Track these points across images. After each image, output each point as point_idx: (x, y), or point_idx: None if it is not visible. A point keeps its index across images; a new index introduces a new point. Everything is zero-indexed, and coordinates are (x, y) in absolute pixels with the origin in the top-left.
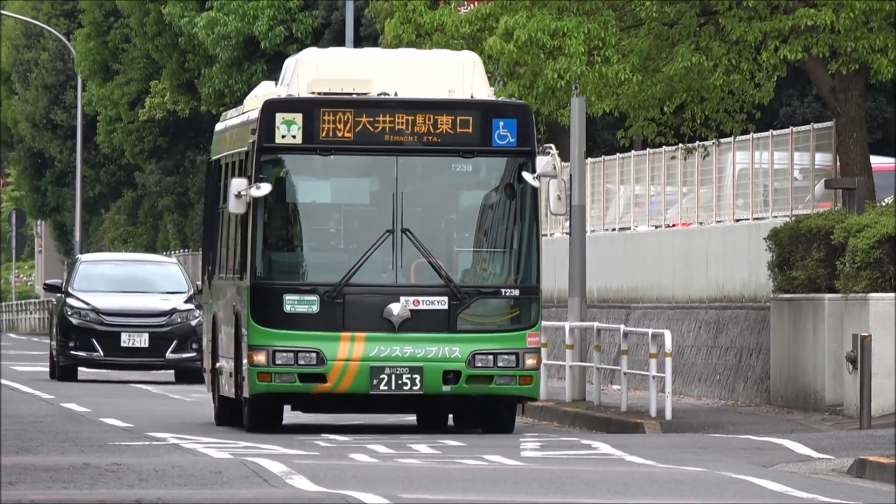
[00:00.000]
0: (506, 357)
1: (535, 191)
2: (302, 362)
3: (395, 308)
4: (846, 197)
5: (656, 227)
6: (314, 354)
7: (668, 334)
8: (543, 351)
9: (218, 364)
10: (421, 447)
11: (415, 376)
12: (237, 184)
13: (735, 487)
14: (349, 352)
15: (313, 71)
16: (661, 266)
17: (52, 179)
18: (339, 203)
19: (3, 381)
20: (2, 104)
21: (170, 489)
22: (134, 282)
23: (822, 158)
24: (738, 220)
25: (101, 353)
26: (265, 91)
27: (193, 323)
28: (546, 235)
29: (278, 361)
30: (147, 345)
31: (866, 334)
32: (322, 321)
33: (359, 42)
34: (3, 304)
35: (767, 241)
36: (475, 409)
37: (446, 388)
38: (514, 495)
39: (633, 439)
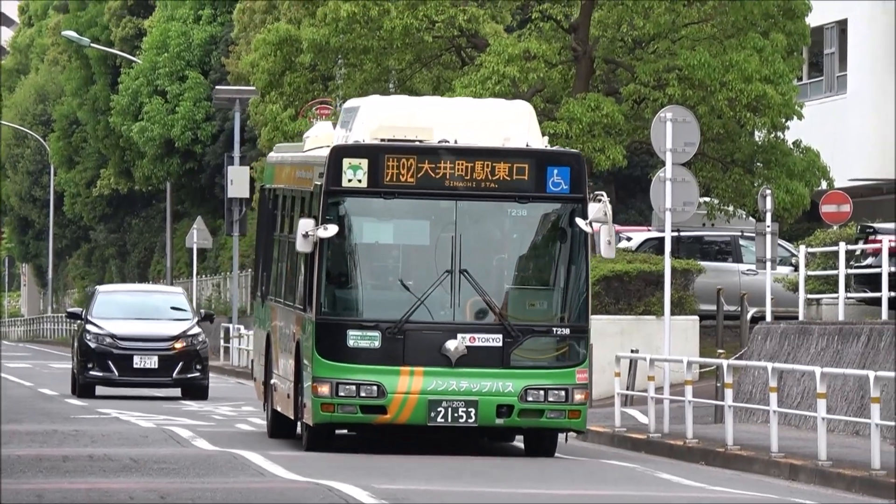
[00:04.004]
0: (556, 392)
1: (585, 235)
2: (364, 394)
3: (453, 344)
4: None
5: None
6: (375, 387)
7: None
8: None
9: (273, 381)
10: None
11: (470, 409)
12: (305, 224)
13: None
14: (409, 385)
15: (376, 118)
16: None
17: (33, 235)
18: (400, 244)
19: None
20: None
21: (112, 448)
22: (145, 309)
23: None
24: None
25: (117, 374)
26: (323, 131)
27: (198, 347)
28: None
29: (341, 393)
30: (157, 366)
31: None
32: (383, 356)
33: (242, 143)
34: None
35: None
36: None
37: (499, 421)
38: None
39: None
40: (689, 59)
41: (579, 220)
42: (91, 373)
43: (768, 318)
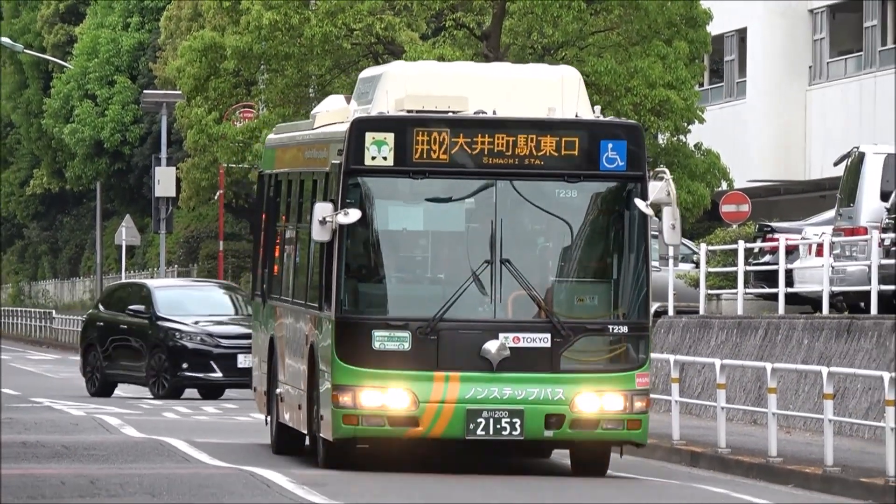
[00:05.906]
0: (613, 399)
1: (645, 218)
2: (392, 404)
3: (494, 346)
4: None
5: None
6: (406, 396)
7: None
8: None
9: (278, 390)
10: (209, 408)
11: (515, 420)
12: (322, 209)
13: None
14: (444, 393)
15: (402, 87)
16: None
17: None
18: (432, 231)
19: None
20: None
21: (44, 435)
22: (214, 305)
23: None
24: None
25: (221, 374)
26: (335, 105)
27: None
28: None
29: (366, 403)
30: None
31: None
32: (414, 360)
33: (169, 145)
34: None
35: None
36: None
37: (548, 434)
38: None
39: None
40: (595, 66)
41: (638, 202)
42: (187, 373)
43: (671, 312)
